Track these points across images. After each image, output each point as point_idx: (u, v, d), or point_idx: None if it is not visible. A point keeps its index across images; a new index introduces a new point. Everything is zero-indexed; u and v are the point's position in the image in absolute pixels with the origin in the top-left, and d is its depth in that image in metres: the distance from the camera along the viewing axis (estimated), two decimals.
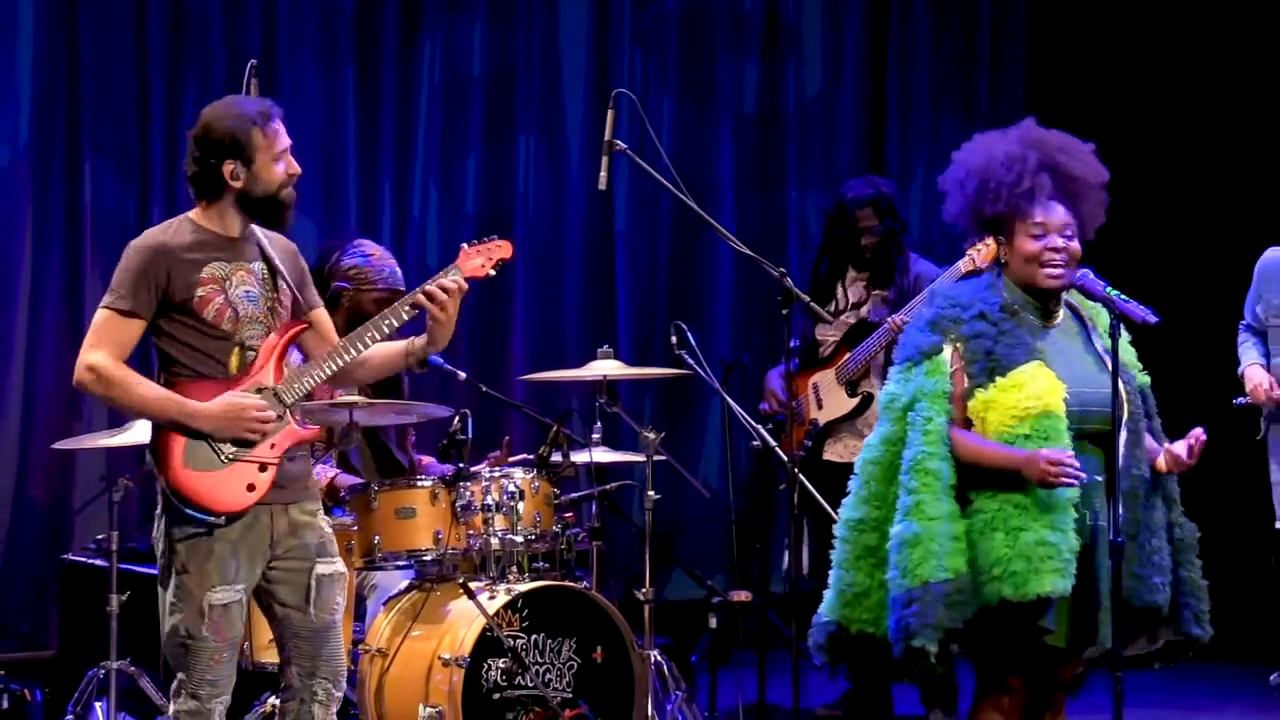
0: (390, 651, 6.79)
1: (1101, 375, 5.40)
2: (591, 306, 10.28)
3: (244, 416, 5.34)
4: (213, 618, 5.35)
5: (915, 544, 5.25)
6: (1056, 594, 5.20)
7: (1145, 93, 10.49)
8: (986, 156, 5.50)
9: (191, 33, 9.34)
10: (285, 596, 5.49)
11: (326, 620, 5.52)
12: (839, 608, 5.49)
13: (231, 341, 5.41)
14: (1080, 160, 5.53)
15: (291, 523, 5.49)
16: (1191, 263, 9.94)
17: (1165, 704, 8.12)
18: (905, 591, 5.25)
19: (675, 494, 8.37)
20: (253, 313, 5.44)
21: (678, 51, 10.48)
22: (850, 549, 5.48)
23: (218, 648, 5.38)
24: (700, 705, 7.74)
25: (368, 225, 9.56)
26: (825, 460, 8.06)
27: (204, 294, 5.37)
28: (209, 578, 5.35)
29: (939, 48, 10.90)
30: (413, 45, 9.90)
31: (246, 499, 5.37)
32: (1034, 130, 5.57)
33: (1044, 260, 5.43)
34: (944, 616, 5.23)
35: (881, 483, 5.45)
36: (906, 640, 5.26)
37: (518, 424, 9.24)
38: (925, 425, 5.35)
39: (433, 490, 6.90)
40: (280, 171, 5.44)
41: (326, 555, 5.54)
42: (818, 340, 8.21)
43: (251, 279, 5.47)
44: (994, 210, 5.49)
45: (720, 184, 10.51)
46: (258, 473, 5.39)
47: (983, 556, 5.25)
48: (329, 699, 5.54)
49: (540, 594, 6.78)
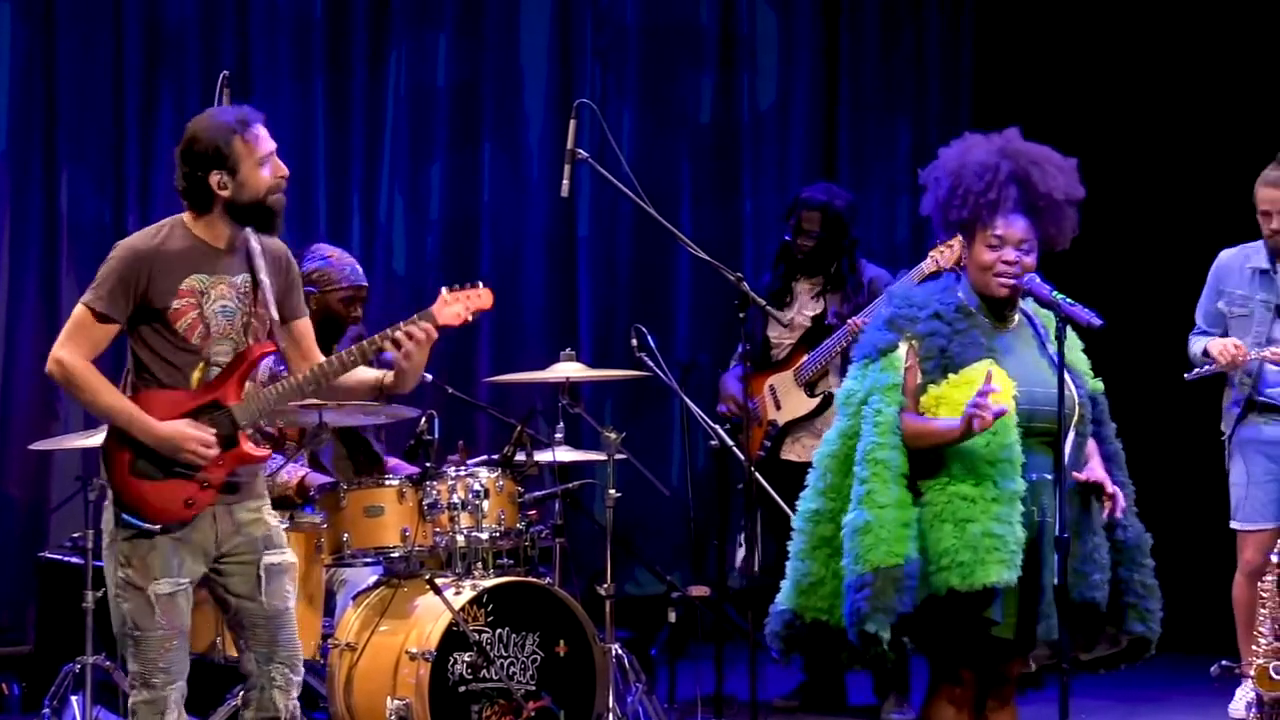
0: (359, 645, 6.83)
1: (1053, 378, 5.45)
2: (554, 310, 10.30)
3: (184, 448, 5.34)
4: (160, 606, 5.38)
5: (866, 531, 5.31)
6: (1002, 584, 5.26)
7: (1092, 101, 10.52)
8: (961, 161, 5.55)
9: (167, 44, 9.34)
10: (237, 587, 5.51)
11: (279, 607, 5.54)
12: (794, 596, 5.53)
13: (199, 356, 5.42)
14: (1053, 176, 5.56)
15: (236, 522, 5.51)
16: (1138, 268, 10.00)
17: (1110, 695, 8.18)
18: (858, 577, 5.30)
19: (636, 492, 8.40)
20: (225, 329, 5.45)
21: (636, 64, 10.51)
22: (807, 539, 5.54)
23: (167, 635, 5.40)
24: (660, 697, 7.76)
25: (337, 232, 9.58)
26: (784, 460, 8.13)
27: (179, 306, 5.39)
28: (152, 570, 5.38)
29: (889, 59, 10.93)
30: (380, 57, 9.91)
31: (183, 513, 5.40)
32: (1014, 141, 5.61)
33: (997, 271, 5.50)
34: (894, 600, 5.26)
35: (838, 475, 5.51)
36: (860, 624, 5.30)
37: (483, 424, 9.32)
38: (876, 417, 5.41)
39: (400, 489, 6.94)
40: (266, 176, 5.43)
41: (274, 546, 5.55)
42: (771, 342, 8.28)
43: (231, 293, 5.47)
44: (958, 216, 5.55)
45: (678, 192, 10.54)
46: (198, 490, 5.40)
47: (931, 547, 5.32)
48: (287, 684, 5.56)
49: (504, 589, 6.83)
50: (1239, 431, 7.81)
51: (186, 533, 5.43)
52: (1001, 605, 5.37)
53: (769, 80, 10.84)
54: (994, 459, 5.36)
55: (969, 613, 5.37)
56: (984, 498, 5.33)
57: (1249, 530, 7.78)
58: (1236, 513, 7.85)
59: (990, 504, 5.32)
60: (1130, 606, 5.60)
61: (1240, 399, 7.77)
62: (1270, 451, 7.75)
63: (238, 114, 5.48)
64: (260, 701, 5.58)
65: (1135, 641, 5.65)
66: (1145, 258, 9.94)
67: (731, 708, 7.78)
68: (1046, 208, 5.56)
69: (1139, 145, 10.42)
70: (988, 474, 5.35)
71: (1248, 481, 7.80)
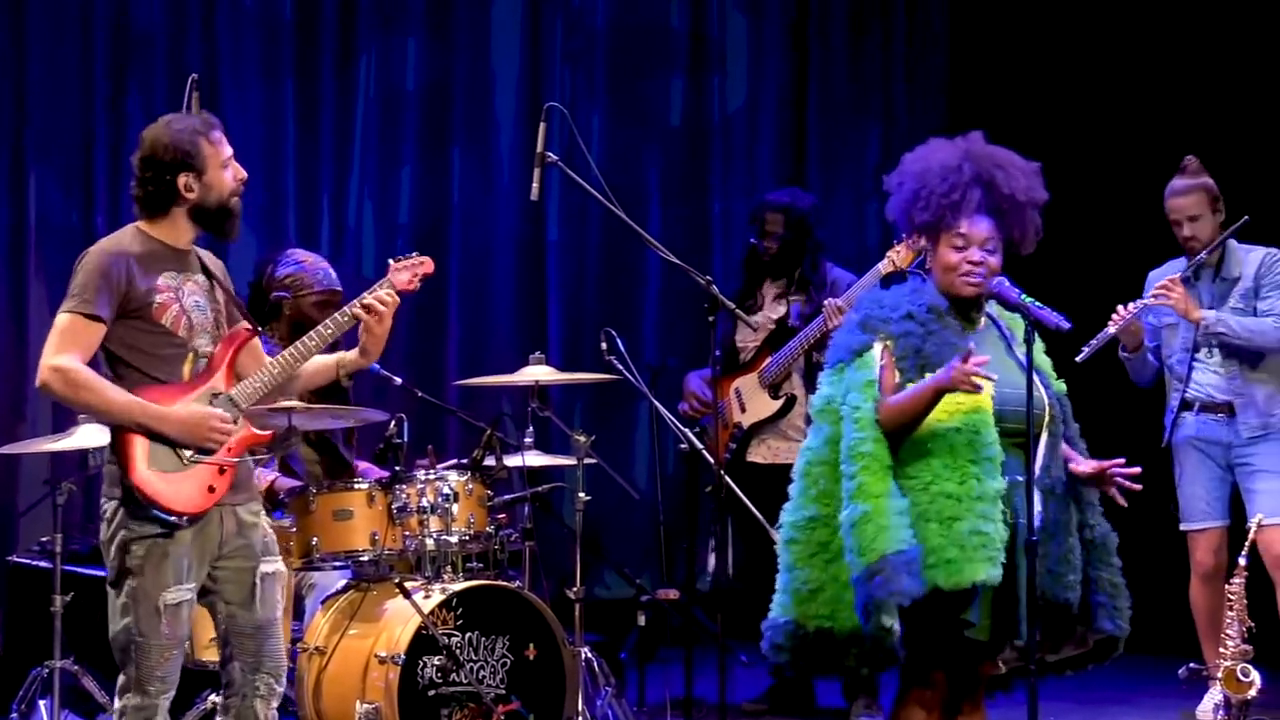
0: (328, 649, 6.83)
1: (1022, 379, 5.47)
2: (523, 313, 10.32)
3: (208, 426, 5.43)
4: (166, 617, 5.42)
5: (867, 521, 5.29)
6: (990, 582, 5.27)
7: (1063, 106, 10.56)
8: (925, 164, 5.58)
9: (135, 47, 9.35)
10: (230, 595, 5.57)
11: (269, 617, 5.60)
12: (793, 606, 5.50)
13: (186, 348, 5.50)
14: (1016, 178, 5.59)
15: (239, 523, 5.58)
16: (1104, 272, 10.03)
17: (1078, 699, 8.20)
18: (867, 567, 5.27)
19: (605, 495, 8.42)
20: (203, 322, 5.54)
21: (606, 67, 10.55)
22: (801, 548, 5.51)
23: (168, 645, 5.45)
24: (629, 700, 7.78)
25: (306, 235, 9.59)
26: (749, 462, 8.15)
27: (162, 300, 5.45)
28: (164, 578, 5.42)
29: (858, 63, 10.97)
30: (350, 60, 9.94)
31: (208, 500, 5.46)
32: (978, 144, 5.64)
33: (962, 271, 5.52)
34: (906, 585, 5.24)
35: (831, 481, 5.48)
36: (877, 616, 5.26)
37: (452, 428, 9.34)
38: (855, 413, 5.42)
39: (369, 493, 6.95)
40: (229, 178, 5.53)
41: (270, 554, 5.64)
42: (738, 346, 8.31)
43: (199, 290, 5.55)
44: (922, 218, 5.57)
45: (648, 195, 10.58)
46: (217, 475, 5.48)
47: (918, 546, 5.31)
48: (270, 694, 5.62)
49: (474, 593, 6.83)
50: (1176, 433, 7.86)
51: (198, 533, 5.48)
52: (979, 607, 5.38)
53: (739, 83, 10.88)
54: (977, 458, 5.38)
55: (948, 614, 5.38)
56: (969, 496, 5.33)
57: (1196, 530, 7.84)
58: (1183, 515, 7.90)
59: (975, 502, 5.33)
60: (1100, 605, 5.62)
61: (1175, 404, 7.81)
62: (1206, 449, 7.80)
63: (199, 119, 5.59)
64: (241, 710, 5.62)
65: (1102, 642, 5.67)
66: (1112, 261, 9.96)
67: (701, 711, 7.80)
68: (1010, 209, 5.58)
69: (1110, 150, 10.46)
70: (971, 472, 5.36)
71: (1188, 482, 7.84)
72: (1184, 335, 7.74)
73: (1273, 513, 7.57)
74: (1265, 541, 7.57)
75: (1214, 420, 7.74)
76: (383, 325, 5.70)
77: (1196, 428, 7.78)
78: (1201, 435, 7.77)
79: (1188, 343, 7.73)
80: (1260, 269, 7.69)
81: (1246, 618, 7.00)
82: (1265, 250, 7.74)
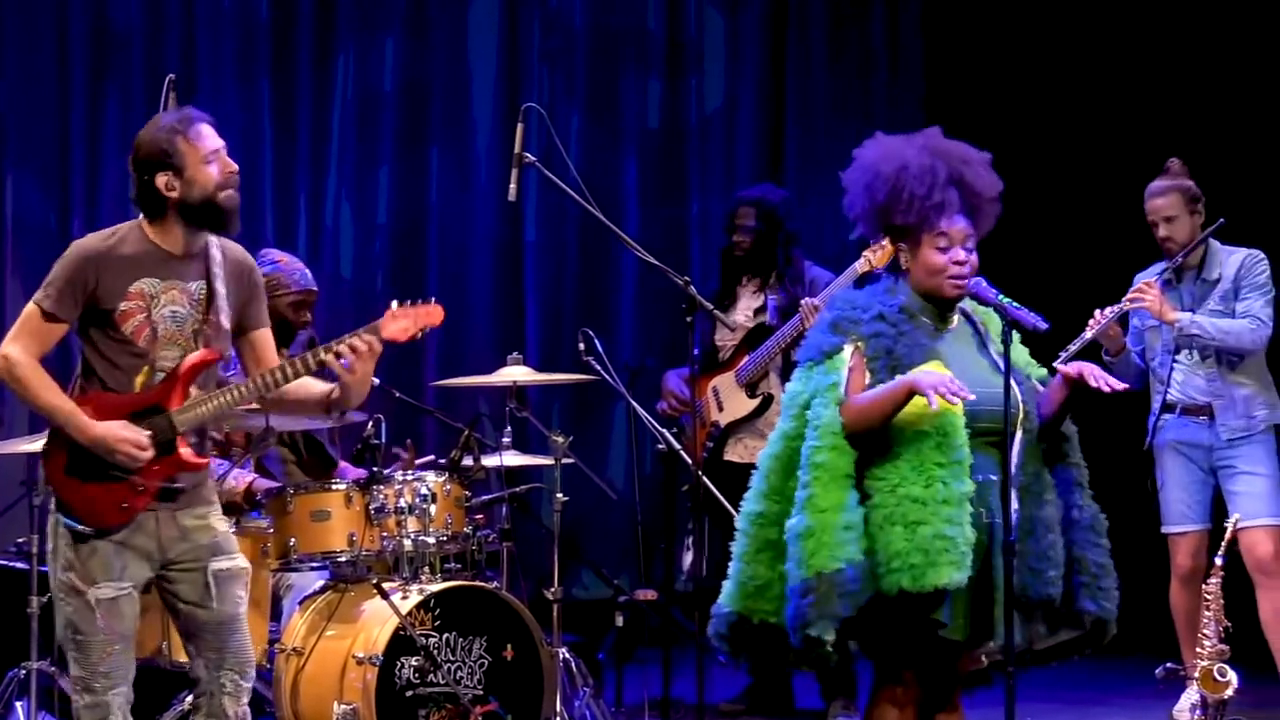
0: (305, 650, 6.83)
1: (994, 378, 5.49)
2: (501, 314, 10.33)
3: (117, 449, 5.32)
4: (101, 611, 5.36)
5: (809, 536, 5.30)
6: (953, 586, 5.26)
7: (1040, 103, 10.59)
8: (898, 165, 5.54)
9: (112, 48, 9.36)
10: (186, 594, 5.50)
11: (229, 613, 5.52)
12: (740, 599, 5.52)
13: (144, 360, 5.41)
14: (980, 173, 5.60)
15: (181, 528, 5.48)
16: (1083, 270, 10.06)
17: (1056, 698, 8.22)
18: (801, 582, 5.29)
19: (583, 496, 8.42)
20: (173, 334, 5.44)
21: (584, 68, 10.56)
22: (751, 542, 5.52)
23: (108, 640, 5.38)
24: (607, 700, 7.80)
25: (284, 236, 9.61)
26: (726, 461, 8.16)
27: (127, 308, 5.38)
28: (93, 574, 5.37)
29: (836, 62, 10.99)
30: (327, 60, 9.95)
31: (117, 517, 5.38)
32: (940, 140, 5.63)
33: (950, 273, 5.52)
34: (838, 605, 5.26)
35: (781, 477, 5.49)
36: (803, 629, 5.30)
37: (430, 429, 9.33)
38: (816, 421, 5.41)
39: (347, 493, 6.94)
40: (214, 172, 5.42)
41: (222, 552, 5.52)
42: (716, 345, 8.31)
43: (184, 299, 5.45)
44: (904, 220, 5.55)
45: (626, 196, 10.59)
46: (131, 493, 5.38)
47: (882, 549, 5.30)
48: (237, 690, 5.54)
49: (452, 594, 6.83)
50: (1158, 436, 7.85)
51: (127, 536, 5.41)
52: (951, 607, 5.39)
53: (716, 84, 10.90)
54: (944, 461, 5.36)
55: (918, 614, 5.37)
56: (934, 499, 5.32)
57: (1177, 534, 7.83)
58: (1164, 518, 7.89)
59: (941, 505, 5.31)
60: (1081, 586, 5.60)
61: (1157, 406, 7.82)
62: (1187, 452, 7.79)
63: (180, 114, 5.50)
64: (210, 708, 5.56)
65: (1097, 624, 5.63)
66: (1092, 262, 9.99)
67: (679, 711, 7.80)
68: (979, 206, 5.60)
69: (1089, 149, 10.49)
70: (937, 476, 5.35)
71: (1169, 485, 7.84)
72: (1165, 337, 7.75)
73: (1252, 515, 7.59)
74: (1247, 544, 7.59)
75: (1195, 423, 7.74)
76: (355, 375, 5.50)
77: (1178, 430, 7.78)
78: (1183, 438, 7.78)
79: (1169, 345, 7.74)
80: (1240, 270, 7.70)
81: (1223, 618, 7.01)
82: (1246, 251, 7.75)
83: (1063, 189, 10.47)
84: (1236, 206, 7.91)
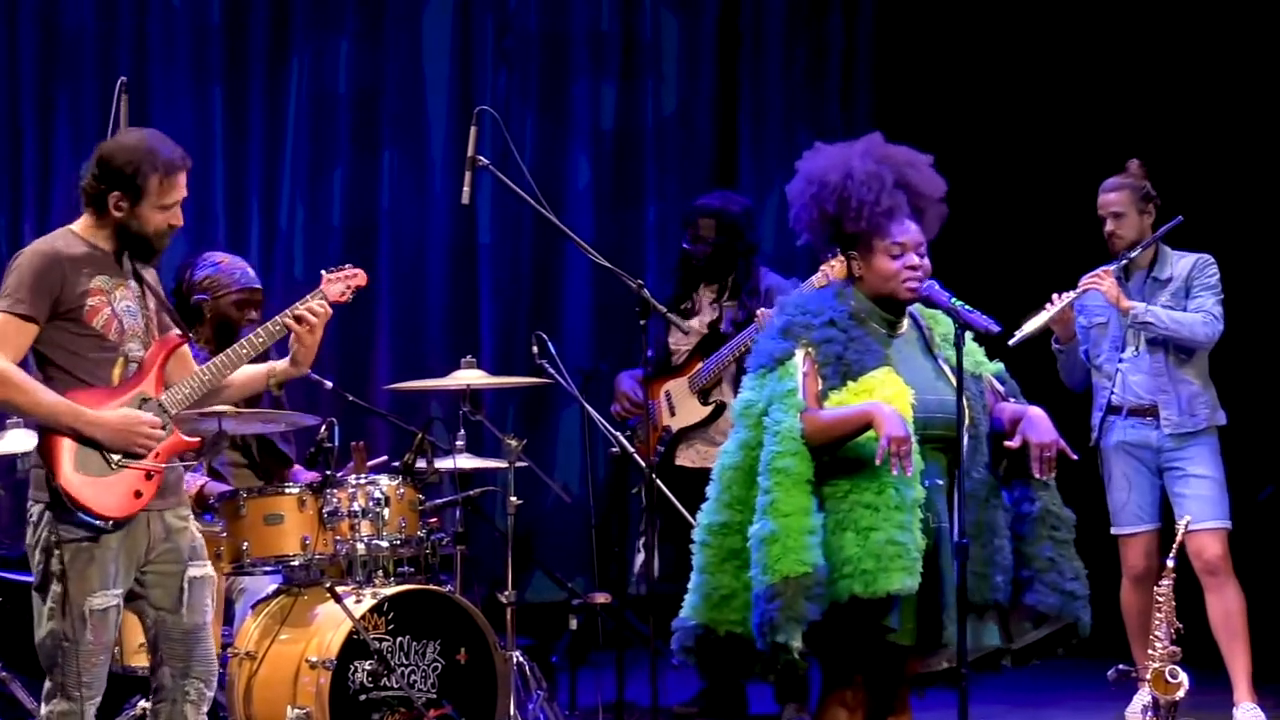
0: (258, 654, 6.81)
1: (939, 382, 5.53)
2: (455, 317, 10.31)
3: (138, 431, 5.42)
4: (93, 622, 5.40)
5: (773, 541, 5.31)
6: (905, 591, 5.29)
7: (991, 107, 10.61)
8: (844, 173, 5.56)
9: (63, 50, 9.33)
10: (158, 600, 5.56)
11: (198, 622, 5.59)
12: (705, 610, 5.52)
13: (117, 352, 5.48)
14: (924, 174, 5.64)
15: (167, 527, 5.56)
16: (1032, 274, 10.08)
17: (1007, 700, 8.25)
18: (767, 587, 5.30)
19: (537, 499, 8.41)
20: (134, 327, 5.52)
21: (539, 70, 10.54)
22: (714, 553, 5.52)
23: (94, 650, 5.43)
24: (561, 704, 7.80)
25: (235, 239, 9.58)
26: (678, 465, 8.16)
27: (94, 304, 5.44)
28: (90, 583, 5.40)
29: (790, 66, 10.98)
30: (281, 63, 9.92)
31: (134, 505, 5.44)
32: (882, 146, 5.66)
33: (904, 278, 5.55)
34: (804, 609, 5.28)
35: (742, 487, 5.50)
36: (772, 635, 5.31)
37: (383, 432, 9.31)
38: (776, 427, 5.42)
39: (300, 497, 6.92)
40: (161, 220, 5.50)
41: (198, 558, 5.62)
42: (671, 348, 8.31)
43: (130, 295, 5.54)
44: (855, 228, 5.58)
45: (580, 199, 10.58)
46: (144, 480, 5.46)
47: (834, 555, 5.33)
48: (200, 699, 5.60)
49: (405, 597, 6.83)
50: (1105, 437, 7.88)
51: (125, 537, 5.46)
52: (900, 613, 5.40)
53: (671, 86, 10.88)
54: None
55: (869, 619, 5.39)
56: (886, 506, 5.34)
57: (1128, 534, 7.86)
58: (1115, 519, 7.91)
59: (892, 512, 5.34)
60: (1024, 581, 5.63)
61: (1103, 405, 7.84)
62: (1136, 453, 7.82)
63: (172, 154, 5.53)
64: (171, 714, 5.60)
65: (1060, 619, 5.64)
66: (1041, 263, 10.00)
67: (633, 714, 7.81)
68: (926, 207, 5.64)
69: (1038, 151, 10.51)
70: (889, 482, 5.37)
71: (1119, 486, 7.86)
72: (1114, 335, 7.79)
73: (1200, 518, 7.62)
74: (1195, 547, 7.63)
75: (1143, 423, 7.77)
76: (314, 336, 5.70)
77: (1125, 431, 7.81)
78: (1131, 439, 7.80)
79: (1117, 342, 7.78)
80: (1193, 270, 7.76)
81: (1175, 620, 7.04)
82: (1198, 255, 7.81)
83: (1012, 192, 10.50)
84: (1186, 209, 7.93)
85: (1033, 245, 10.21)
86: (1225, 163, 10.08)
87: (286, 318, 5.69)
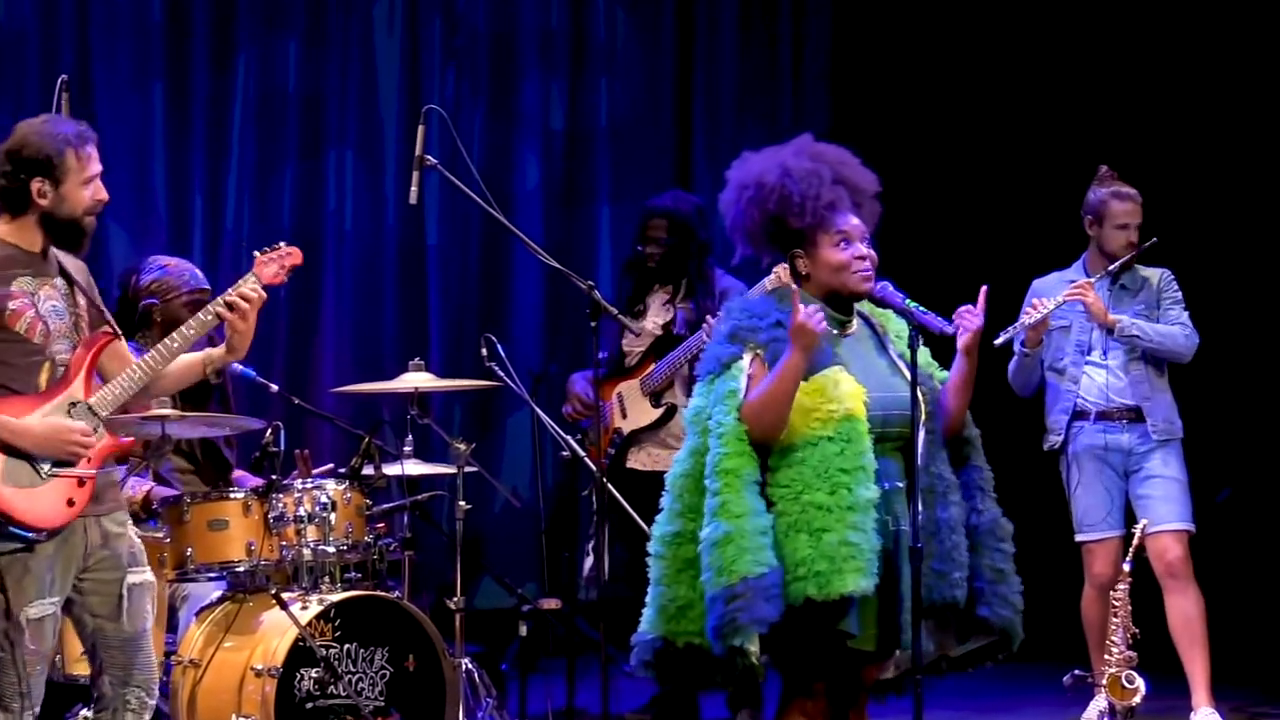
0: (203, 662, 6.77)
1: (894, 380, 5.49)
2: (403, 319, 10.28)
3: (68, 439, 5.34)
4: (30, 631, 5.34)
5: (727, 542, 5.24)
6: (859, 593, 5.23)
7: (944, 108, 10.65)
8: (781, 173, 5.54)
9: (4, 48, 9.28)
10: (97, 607, 5.50)
11: (138, 629, 5.54)
12: (663, 623, 5.45)
13: (43, 356, 5.40)
14: (857, 171, 5.63)
15: (104, 533, 5.50)
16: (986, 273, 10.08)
17: (964, 705, 8.25)
18: (725, 588, 5.23)
19: (486, 504, 8.38)
20: (61, 327, 5.44)
21: (488, 69, 10.52)
22: (668, 564, 5.46)
23: (32, 660, 5.37)
24: (511, 711, 7.78)
25: (179, 239, 9.52)
26: (629, 468, 8.11)
27: (15, 307, 5.36)
28: (27, 593, 5.35)
29: (744, 65, 11.00)
30: (226, 62, 9.87)
31: (67, 514, 5.37)
32: (813, 145, 5.64)
33: (853, 267, 5.51)
34: (764, 609, 5.21)
35: (694, 495, 5.44)
36: (729, 638, 5.25)
37: (329, 436, 9.26)
38: (719, 429, 5.38)
39: (245, 502, 6.89)
40: (87, 196, 5.43)
41: (137, 565, 5.56)
42: (624, 351, 8.26)
43: (55, 294, 5.46)
44: (799, 224, 5.53)
45: (530, 199, 10.56)
46: (76, 487, 5.38)
47: (787, 557, 5.26)
48: (142, 707, 5.56)
49: (352, 604, 6.80)
50: (1072, 442, 7.85)
51: (60, 545, 5.39)
52: (858, 617, 5.35)
53: (624, 85, 10.87)
54: (848, 467, 5.32)
55: (826, 623, 5.33)
56: (839, 506, 5.28)
57: (1094, 541, 7.83)
58: (1080, 526, 7.87)
59: (846, 512, 5.28)
60: (979, 592, 5.59)
61: (1068, 409, 7.81)
62: (1106, 457, 7.80)
63: (76, 128, 5.49)
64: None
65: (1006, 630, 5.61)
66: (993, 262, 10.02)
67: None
68: (863, 203, 5.62)
69: (994, 151, 10.54)
70: (842, 482, 5.31)
71: (1092, 491, 7.83)
72: (1077, 338, 7.78)
73: (1163, 519, 7.60)
74: (1158, 549, 7.62)
75: (1114, 426, 7.76)
76: (248, 321, 5.61)
77: (1094, 436, 7.79)
78: (1101, 444, 7.78)
79: (1083, 346, 7.78)
80: (1160, 283, 7.83)
81: (1131, 624, 7.01)
82: (1160, 270, 7.86)
83: (965, 193, 10.51)
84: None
85: (985, 242, 10.21)
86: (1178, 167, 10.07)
87: (218, 306, 5.59)
